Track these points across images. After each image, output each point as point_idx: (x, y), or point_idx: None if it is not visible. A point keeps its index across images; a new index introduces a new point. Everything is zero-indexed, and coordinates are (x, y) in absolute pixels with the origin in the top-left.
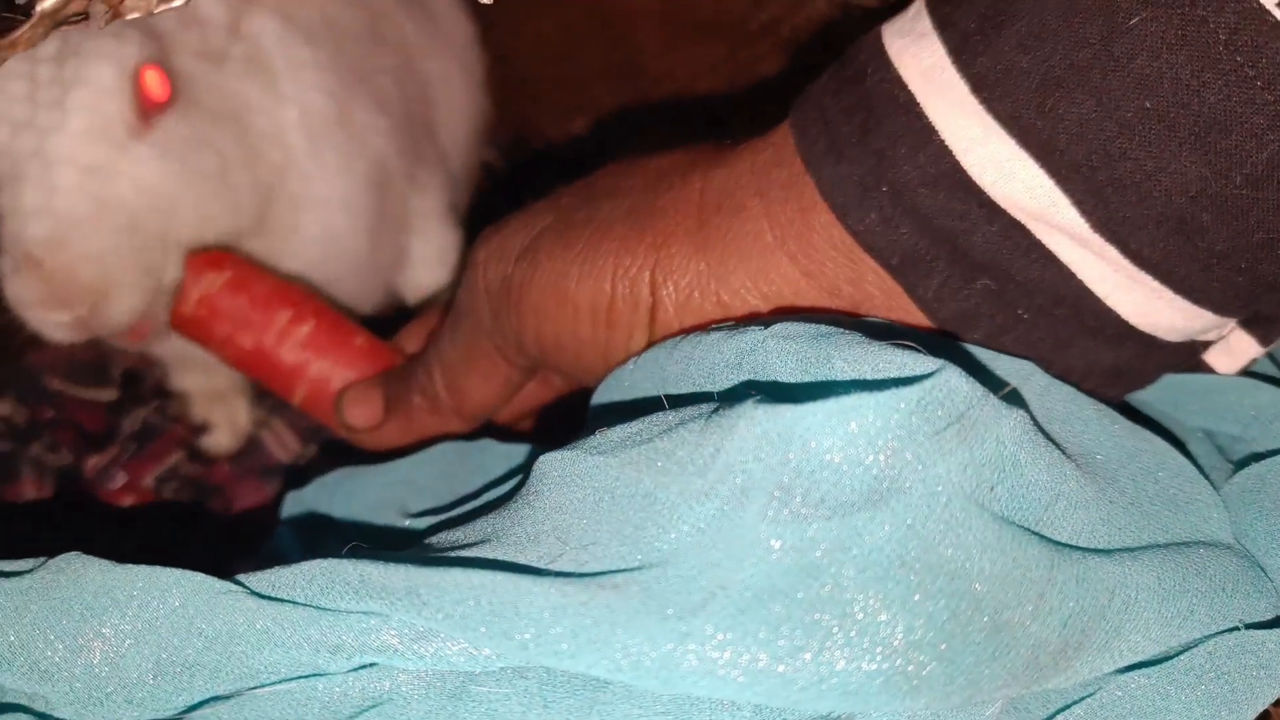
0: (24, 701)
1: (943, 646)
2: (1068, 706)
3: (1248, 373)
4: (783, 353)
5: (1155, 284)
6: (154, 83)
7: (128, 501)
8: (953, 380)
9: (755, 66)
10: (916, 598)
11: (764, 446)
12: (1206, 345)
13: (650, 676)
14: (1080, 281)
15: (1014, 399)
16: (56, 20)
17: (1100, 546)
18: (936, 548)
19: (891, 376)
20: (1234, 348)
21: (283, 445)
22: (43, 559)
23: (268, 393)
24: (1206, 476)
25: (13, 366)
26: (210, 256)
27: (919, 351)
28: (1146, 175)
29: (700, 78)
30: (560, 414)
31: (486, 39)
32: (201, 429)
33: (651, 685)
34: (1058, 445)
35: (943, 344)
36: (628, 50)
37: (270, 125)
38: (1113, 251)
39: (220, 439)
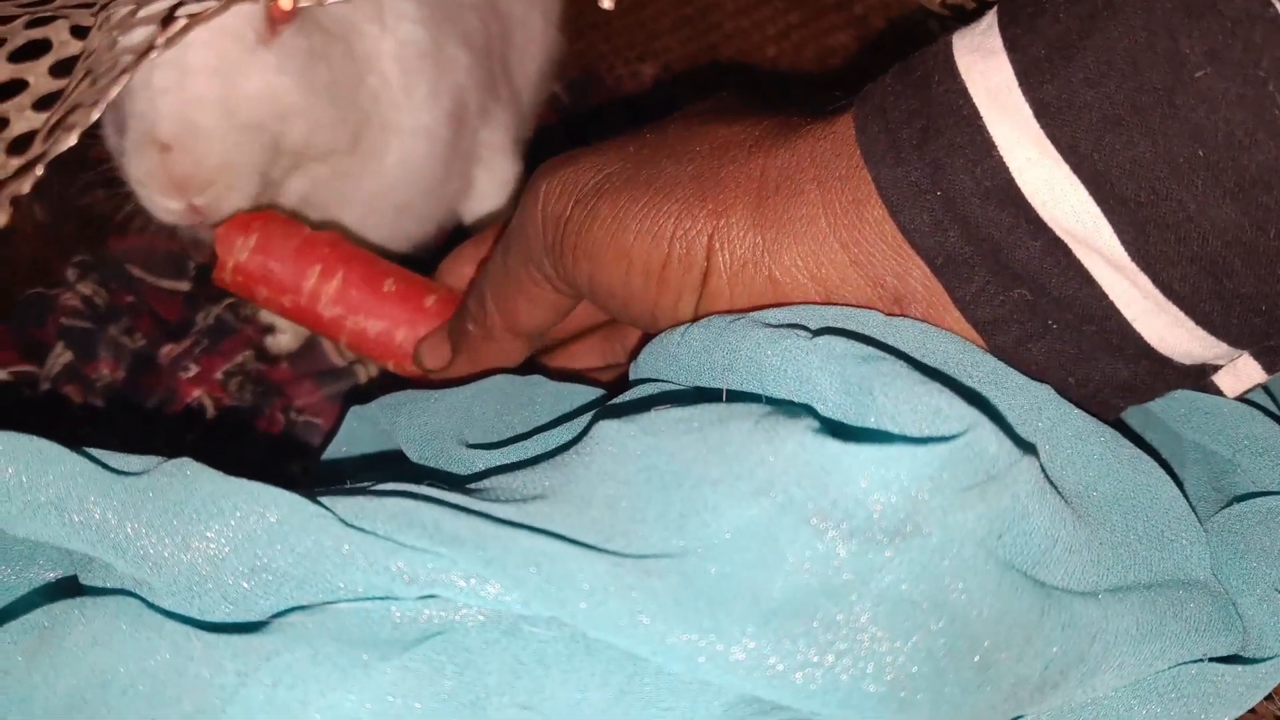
0: (131, 586)
1: (934, 679)
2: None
3: (1250, 402)
4: (826, 370)
5: (1179, 314)
6: None
7: (197, 391)
8: (982, 440)
9: (825, 38)
10: (919, 635)
11: (808, 474)
12: (1216, 368)
13: (676, 661)
14: (1111, 302)
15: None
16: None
17: (1089, 588)
18: (944, 589)
19: (927, 425)
20: (1240, 372)
21: (339, 351)
22: (158, 459)
23: None
24: (1194, 508)
25: (97, 251)
26: (237, 221)
27: (953, 397)
28: (1188, 217)
29: (770, 41)
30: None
31: None
32: (268, 329)
33: (676, 669)
34: (1058, 485)
35: (974, 362)
36: (703, 5)
37: (371, 51)
38: (1145, 280)
39: (283, 340)
